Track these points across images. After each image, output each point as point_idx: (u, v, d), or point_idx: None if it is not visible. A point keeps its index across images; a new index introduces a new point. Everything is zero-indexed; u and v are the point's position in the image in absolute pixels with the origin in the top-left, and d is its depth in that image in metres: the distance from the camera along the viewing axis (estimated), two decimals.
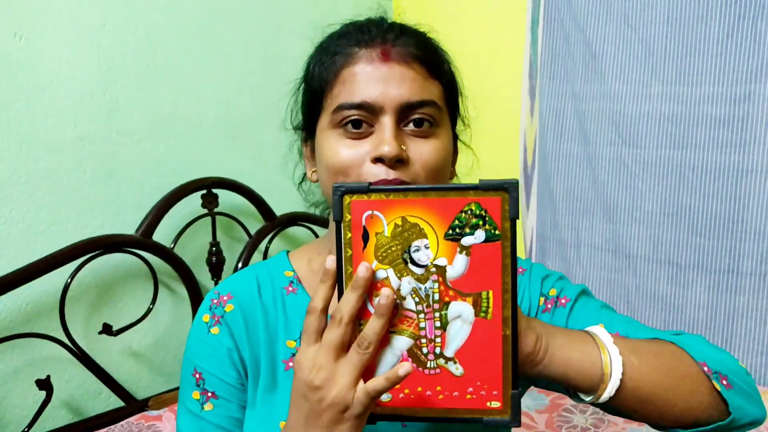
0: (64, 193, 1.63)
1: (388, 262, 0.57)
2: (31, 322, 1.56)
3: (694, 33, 1.84)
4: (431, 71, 0.73)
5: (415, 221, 0.57)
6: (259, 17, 2.01)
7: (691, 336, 0.71)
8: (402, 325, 0.58)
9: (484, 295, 0.58)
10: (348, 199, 0.57)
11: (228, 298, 0.75)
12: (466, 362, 0.58)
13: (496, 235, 0.57)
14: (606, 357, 0.60)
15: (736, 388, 0.65)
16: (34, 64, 1.56)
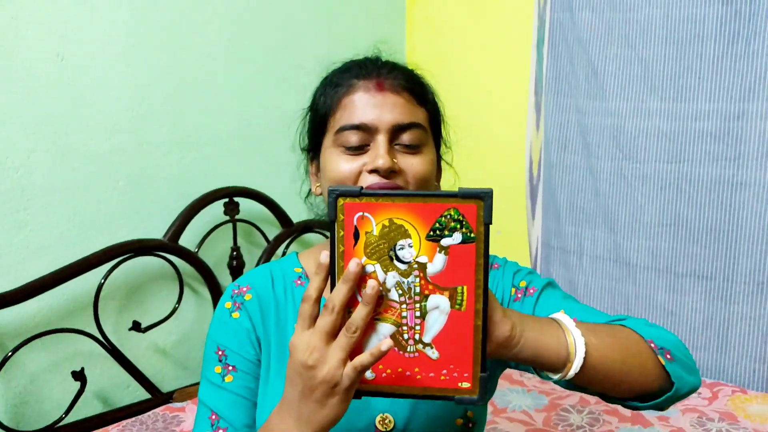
0: (99, 200, 1.77)
1: (376, 258, 0.64)
2: (68, 318, 1.69)
3: (691, 52, 1.92)
4: (418, 99, 0.84)
5: (400, 223, 0.64)
6: (278, 45, 2.14)
7: (637, 319, 0.80)
8: (386, 314, 0.65)
9: (459, 290, 0.64)
10: (342, 201, 0.64)
11: (247, 289, 0.87)
12: (442, 348, 0.65)
13: (471, 237, 0.64)
14: (570, 339, 0.68)
15: (677, 360, 0.74)
16: (73, 82, 1.71)
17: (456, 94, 2.49)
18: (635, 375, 0.72)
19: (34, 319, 1.64)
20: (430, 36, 2.58)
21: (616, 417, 1.71)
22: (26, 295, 1.57)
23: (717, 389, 1.86)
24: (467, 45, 2.48)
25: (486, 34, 2.42)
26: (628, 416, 1.72)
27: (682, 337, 2.02)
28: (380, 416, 0.81)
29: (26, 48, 1.61)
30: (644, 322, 0.79)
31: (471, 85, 2.48)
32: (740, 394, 1.82)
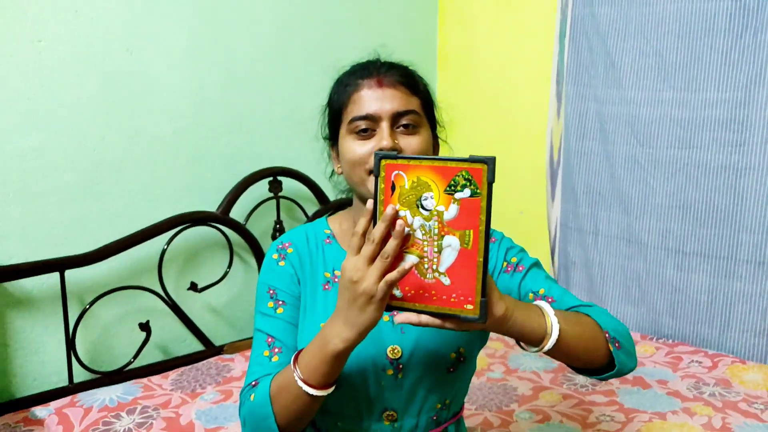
0: (162, 176, 2.02)
1: (407, 206, 0.82)
2: (136, 277, 1.96)
3: (702, 45, 2.04)
4: (411, 90, 1.04)
5: (425, 179, 0.81)
6: (320, 40, 2.35)
7: (601, 309, 1.01)
8: (412, 248, 0.82)
9: (467, 233, 0.80)
10: (384, 162, 0.82)
11: (289, 245, 1.09)
12: (453, 276, 0.81)
13: (477, 192, 0.79)
14: (549, 323, 0.89)
15: (623, 349, 0.95)
16: (140, 73, 1.95)
17: (483, 83, 2.68)
18: (590, 355, 0.93)
19: (108, 277, 1.90)
20: (461, 30, 2.75)
21: (618, 379, 1.88)
22: (101, 256, 1.84)
23: (718, 359, 2.00)
24: (494, 38, 2.64)
25: (512, 28, 2.57)
26: (630, 378, 1.88)
27: (688, 312, 2.17)
28: (391, 347, 1.01)
29: (99, 43, 1.87)
30: (605, 313, 0.99)
31: (497, 74, 2.64)
32: (739, 364, 1.96)
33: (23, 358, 1.78)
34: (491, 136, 2.68)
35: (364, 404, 1.02)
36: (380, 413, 1.02)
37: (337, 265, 1.06)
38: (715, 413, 1.66)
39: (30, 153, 1.76)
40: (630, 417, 1.65)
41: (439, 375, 1.02)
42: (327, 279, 1.06)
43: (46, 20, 1.76)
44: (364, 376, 1.00)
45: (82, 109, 1.85)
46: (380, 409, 1.02)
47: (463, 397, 1.10)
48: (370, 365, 1.00)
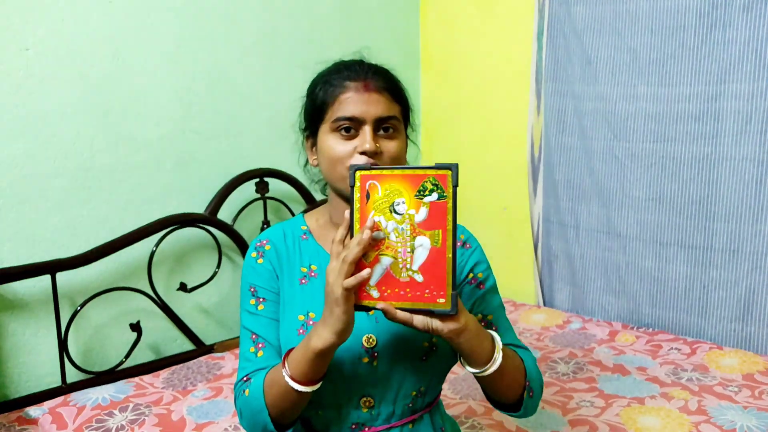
0: (150, 179, 2.06)
1: (381, 212, 0.90)
2: (126, 279, 2.00)
3: (674, 41, 2.11)
4: (394, 97, 1.09)
5: (397, 187, 0.90)
6: (303, 42, 2.40)
7: (531, 356, 1.11)
8: (387, 251, 0.90)
9: (436, 233, 0.89)
10: (359, 173, 0.90)
11: (266, 242, 1.13)
12: (425, 274, 0.89)
13: (444, 195, 0.88)
14: (495, 354, 0.97)
15: (533, 398, 1.07)
16: (127, 78, 1.99)
17: (465, 82, 2.74)
18: (508, 392, 1.05)
19: (98, 279, 1.94)
20: (442, 30, 2.80)
21: (598, 367, 1.94)
22: (91, 258, 1.88)
23: (696, 346, 2.06)
24: (475, 38, 2.69)
25: (492, 28, 2.63)
26: (610, 366, 1.94)
27: (667, 301, 2.22)
28: (366, 336, 1.06)
29: (86, 50, 1.91)
30: (534, 362, 1.11)
31: (478, 74, 2.69)
32: (716, 350, 2.02)
33: (16, 359, 1.82)
34: (474, 134, 2.73)
35: (342, 392, 1.07)
36: (358, 400, 1.07)
37: (314, 259, 1.11)
38: (691, 397, 1.71)
39: (20, 159, 1.80)
40: (609, 402, 1.70)
41: (412, 363, 1.07)
42: (303, 273, 1.10)
43: (33, 28, 1.80)
44: (341, 365, 1.05)
45: (71, 115, 1.88)
46: (358, 396, 1.07)
47: (438, 386, 1.14)
48: (346, 354, 1.05)
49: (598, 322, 2.31)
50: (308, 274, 1.10)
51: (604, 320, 2.33)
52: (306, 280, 1.10)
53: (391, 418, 1.08)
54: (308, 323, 1.06)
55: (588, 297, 2.42)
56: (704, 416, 1.60)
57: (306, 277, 1.10)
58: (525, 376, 1.05)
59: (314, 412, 1.09)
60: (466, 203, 2.08)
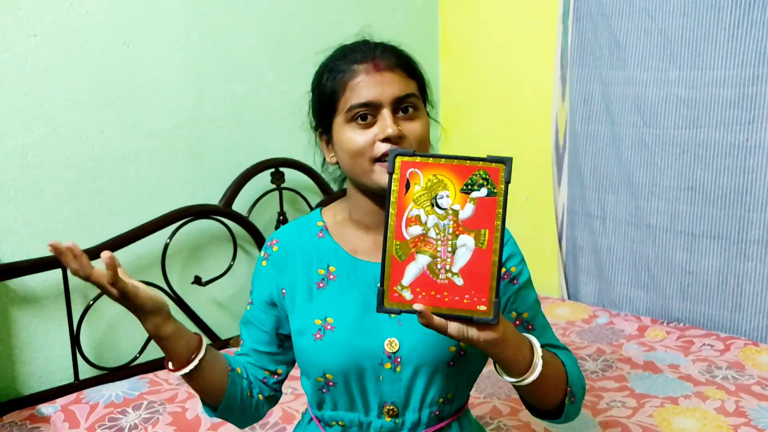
0: (163, 170, 2.00)
1: (421, 205, 0.80)
2: (140, 272, 1.95)
3: (708, 22, 2.00)
4: (408, 73, 1.00)
5: (441, 178, 0.80)
6: (319, 27, 2.32)
7: (572, 357, 1.03)
8: (425, 248, 0.80)
9: (482, 232, 0.80)
10: (399, 159, 0.81)
11: (276, 242, 1.06)
12: (466, 277, 0.80)
13: (494, 192, 0.79)
14: (534, 363, 0.88)
15: (575, 404, 0.98)
16: (138, 66, 1.93)
17: (486, 67, 2.65)
18: (548, 400, 0.97)
19: None
20: (462, 13, 2.71)
21: (628, 365, 1.86)
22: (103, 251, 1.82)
23: (730, 342, 1.97)
24: (496, 20, 2.60)
25: (514, 10, 2.53)
26: (640, 364, 1.86)
27: (699, 295, 2.14)
28: (388, 340, 0.98)
29: (95, 37, 1.84)
30: (575, 363, 1.02)
31: (500, 58, 2.60)
32: (752, 347, 1.93)
33: (28, 355, 1.78)
34: (495, 122, 2.64)
35: (363, 399, 1.00)
36: (380, 408, 1.00)
37: (332, 260, 1.04)
38: (728, 397, 1.63)
39: (29, 149, 1.75)
40: (641, 402, 1.62)
41: (439, 368, 1.00)
42: (321, 276, 1.03)
43: (41, 14, 1.74)
44: (361, 371, 0.99)
45: (80, 103, 1.83)
46: (380, 404, 1.00)
47: (466, 392, 1.07)
48: (366, 359, 0.98)
49: (626, 316, 2.22)
50: (326, 276, 1.03)
51: (632, 314, 2.25)
52: (324, 283, 1.03)
53: (417, 427, 1.01)
54: (326, 328, 0.99)
55: (615, 290, 2.34)
56: (743, 418, 1.52)
57: (324, 280, 1.03)
58: (566, 381, 0.97)
59: (335, 421, 1.03)
60: None
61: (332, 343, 0.98)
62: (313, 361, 1.00)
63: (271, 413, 1.60)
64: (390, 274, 0.82)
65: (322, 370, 0.99)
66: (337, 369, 0.98)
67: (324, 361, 0.99)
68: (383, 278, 0.82)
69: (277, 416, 1.60)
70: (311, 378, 1.02)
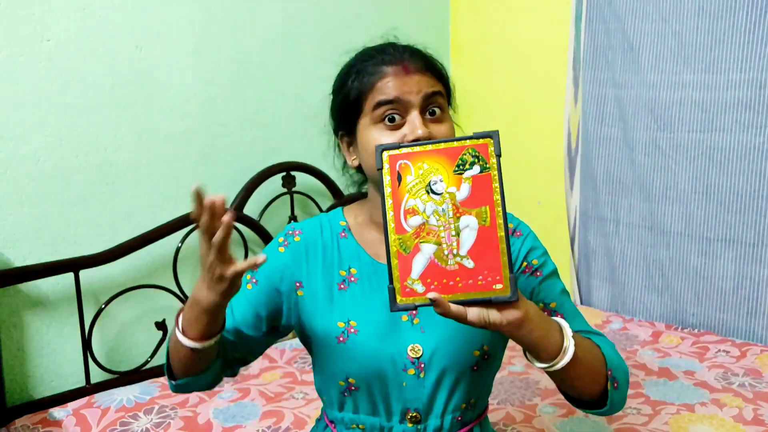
0: (175, 174, 2.00)
1: (415, 194, 0.80)
2: (151, 276, 1.94)
3: (722, 24, 1.98)
4: (435, 76, 1.00)
5: (432, 164, 0.80)
6: (330, 31, 2.32)
7: (608, 342, 0.98)
8: (428, 237, 0.79)
9: (483, 210, 0.78)
10: (386, 153, 0.81)
11: (299, 233, 1.05)
12: (476, 258, 0.78)
13: (487, 167, 0.79)
14: (566, 344, 0.84)
15: (619, 390, 0.93)
16: (150, 70, 1.94)
17: (497, 70, 2.63)
18: (588, 387, 0.91)
19: (123, 276, 1.89)
20: (473, 15, 2.70)
21: (643, 371, 1.83)
22: (116, 255, 1.83)
23: (746, 348, 1.94)
24: (508, 22, 2.58)
25: (526, 12, 2.51)
26: (655, 370, 1.84)
27: (714, 300, 2.11)
28: (411, 346, 0.97)
29: (109, 41, 1.85)
30: (612, 348, 0.98)
31: (512, 61, 2.58)
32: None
33: (40, 359, 1.78)
34: (507, 124, 2.63)
35: (385, 405, 0.99)
36: (403, 414, 0.99)
37: (353, 262, 1.03)
38: (745, 404, 1.61)
39: (42, 153, 1.75)
40: (657, 409, 1.60)
41: (463, 373, 0.98)
42: (342, 278, 1.02)
43: (54, 19, 1.75)
44: (384, 377, 0.97)
45: (93, 108, 1.83)
46: (403, 410, 0.99)
47: (487, 396, 1.06)
48: (390, 365, 0.97)
49: (640, 322, 2.20)
50: (347, 278, 1.02)
51: (646, 320, 2.23)
52: (345, 285, 1.02)
53: None
54: (349, 332, 0.98)
55: (629, 295, 2.31)
56: (763, 427, 1.50)
57: (345, 282, 1.02)
58: (605, 365, 0.92)
59: (355, 425, 1.02)
60: None
61: (356, 347, 0.98)
62: (337, 365, 0.99)
63: (283, 417, 1.60)
64: (398, 270, 0.80)
65: (345, 375, 0.98)
66: (360, 374, 0.97)
67: (347, 366, 0.98)
68: (391, 276, 0.80)
69: (289, 421, 1.59)
70: (333, 381, 1.01)
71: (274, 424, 1.58)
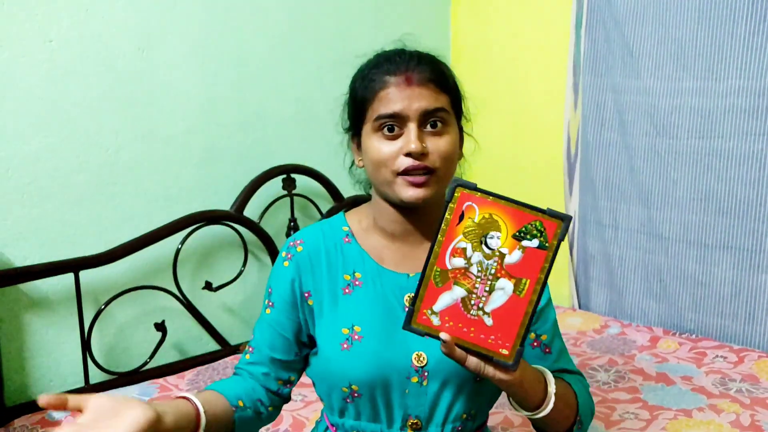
0: (175, 175, 2.01)
1: (470, 239, 0.82)
2: (151, 277, 1.95)
3: (722, 31, 1.99)
4: (440, 87, 0.99)
5: (496, 218, 0.81)
6: (331, 35, 2.33)
7: (584, 385, 1.07)
8: (464, 281, 0.82)
9: (523, 281, 0.81)
10: (460, 190, 0.82)
11: (300, 242, 1.04)
12: (496, 319, 0.83)
13: (545, 246, 0.80)
14: (547, 398, 0.92)
15: (582, 429, 1.02)
16: (152, 72, 1.94)
17: (498, 75, 2.64)
18: (557, 428, 1.00)
19: (123, 277, 1.90)
20: (474, 21, 2.71)
21: (641, 376, 1.84)
22: (115, 257, 1.83)
23: (744, 354, 1.95)
24: (509, 29, 2.59)
25: (527, 18, 2.52)
26: (653, 375, 1.84)
27: (712, 306, 2.11)
28: (416, 353, 0.97)
29: (111, 43, 1.85)
30: (586, 391, 1.06)
31: (512, 67, 2.59)
32: (766, 359, 1.90)
33: (39, 359, 1.78)
34: (507, 129, 2.64)
35: (387, 412, 1.00)
36: (404, 421, 1.00)
37: (357, 266, 1.03)
38: (743, 410, 1.61)
39: (43, 154, 1.76)
40: (654, 414, 1.61)
41: (465, 384, 0.99)
42: (347, 282, 1.02)
43: (57, 20, 1.75)
44: (387, 384, 0.98)
45: (95, 108, 1.84)
46: (404, 417, 1.00)
47: (487, 409, 1.07)
48: (394, 372, 0.97)
49: (638, 327, 2.21)
50: (352, 282, 1.02)
51: (644, 325, 2.23)
52: (350, 289, 1.02)
53: None
54: (353, 338, 0.98)
55: (627, 300, 2.32)
56: None
57: (350, 286, 1.02)
58: (576, 411, 1.00)
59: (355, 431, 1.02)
60: None
61: (360, 354, 0.98)
62: (340, 372, 0.99)
63: (281, 420, 1.60)
64: (423, 297, 0.84)
65: (348, 381, 0.98)
66: (364, 381, 0.97)
67: (351, 373, 0.98)
68: (416, 298, 0.84)
69: (287, 424, 1.59)
70: (335, 387, 1.00)
71: (272, 426, 1.58)
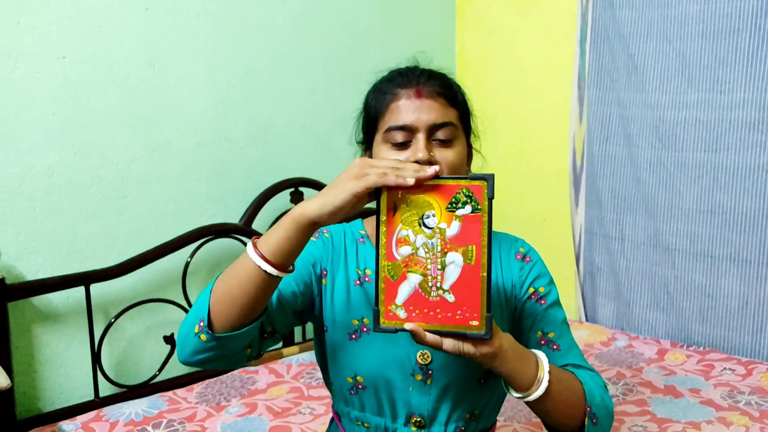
0: (185, 189, 2.03)
1: (409, 225, 0.85)
2: (160, 290, 1.96)
3: (726, 45, 2.01)
4: (450, 102, 1.03)
5: (427, 199, 0.84)
6: (339, 51, 2.35)
7: (596, 378, 1.01)
8: (416, 267, 0.84)
9: (470, 248, 0.83)
10: (384, 190, 0.85)
11: (327, 232, 1.09)
12: (457, 293, 0.83)
13: (478, 208, 0.83)
14: (539, 377, 0.89)
15: (598, 425, 0.96)
16: (164, 86, 1.97)
17: (503, 89, 2.66)
18: (565, 420, 0.95)
19: (133, 290, 1.91)
20: (479, 36, 2.73)
21: (649, 389, 1.84)
22: (125, 270, 1.85)
23: (752, 367, 1.95)
24: (514, 43, 2.62)
25: (532, 32, 2.55)
26: (661, 388, 1.84)
27: (719, 318, 2.12)
28: (421, 352, 1.00)
29: (123, 59, 1.88)
30: (598, 384, 1.00)
31: (517, 80, 2.62)
32: None
33: (50, 372, 1.79)
34: (513, 142, 2.65)
35: (391, 407, 1.02)
36: (408, 418, 1.02)
37: (369, 264, 1.06)
38: (752, 423, 1.61)
39: (55, 168, 1.78)
40: (663, 427, 1.61)
41: (468, 384, 1.01)
42: (358, 275, 1.06)
43: (71, 37, 1.78)
44: (391, 380, 1.01)
45: (107, 123, 1.86)
46: (408, 414, 1.02)
47: (495, 412, 1.08)
48: (398, 369, 1.00)
49: (645, 339, 2.21)
50: (362, 277, 1.05)
51: (651, 338, 2.23)
52: (360, 282, 1.05)
53: None
54: (362, 330, 1.02)
55: (634, 313, 2.32)
56: None
57: (360, 280, 1.05)
58: (584, 399, 0.96)
59: (360, 422, 1.04)
60: (504, 213, 2.00)
61: (367, 346, 1.01)
62: (347, 361, 1.02)
63: None
64: (384, 294, 0.86)
65: (354, 372, 1.01)
66: (369, 373, 1.00)
67: (357, 363, 1.01)
68: (377, 299, 0.86)
69: None
70: (341, 377, 1.04)
71: None
